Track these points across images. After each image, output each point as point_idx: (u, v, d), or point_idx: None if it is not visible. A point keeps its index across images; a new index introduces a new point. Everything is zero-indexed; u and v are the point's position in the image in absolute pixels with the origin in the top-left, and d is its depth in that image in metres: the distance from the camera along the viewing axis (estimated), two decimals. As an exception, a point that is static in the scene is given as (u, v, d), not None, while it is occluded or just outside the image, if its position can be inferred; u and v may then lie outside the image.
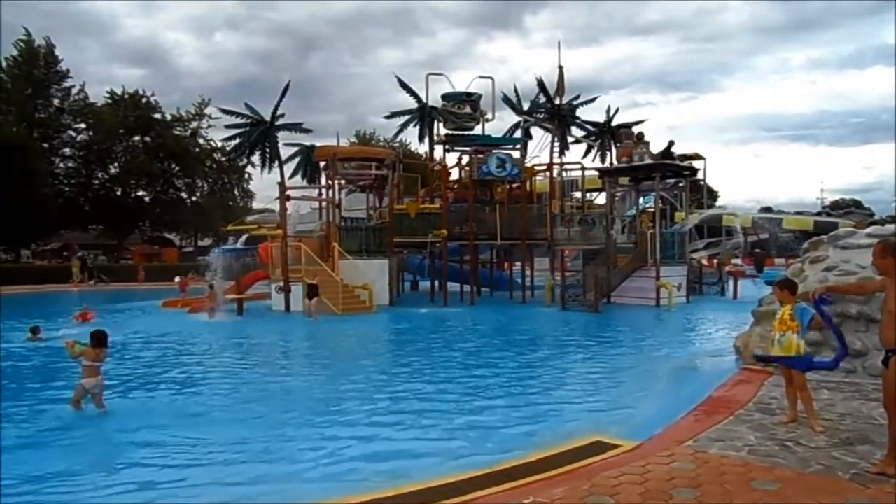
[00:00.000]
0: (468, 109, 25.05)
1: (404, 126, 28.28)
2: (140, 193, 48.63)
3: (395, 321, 18.83)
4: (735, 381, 8.26)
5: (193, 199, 50.42)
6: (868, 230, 9.35)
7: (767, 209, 53.81)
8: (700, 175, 34.07)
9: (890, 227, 9.39)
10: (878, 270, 5.16)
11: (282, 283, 21.16)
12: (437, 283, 24.94)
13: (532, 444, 6.13)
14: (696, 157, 36.31)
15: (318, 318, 18.47)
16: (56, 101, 42.89)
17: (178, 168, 48.36)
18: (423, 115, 27.22)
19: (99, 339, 7.79)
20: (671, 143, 23.84)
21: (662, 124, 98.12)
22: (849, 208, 51.95)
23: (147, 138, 46.25)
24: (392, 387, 9.63)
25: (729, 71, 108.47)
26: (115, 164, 46.41)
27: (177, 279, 26.65)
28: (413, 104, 27.66)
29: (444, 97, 25.65)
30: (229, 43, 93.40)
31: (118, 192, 46.91)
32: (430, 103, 27.01)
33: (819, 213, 48.86)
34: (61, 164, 45.10)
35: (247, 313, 20.21)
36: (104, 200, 45.53)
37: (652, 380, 9.70)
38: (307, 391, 9.40)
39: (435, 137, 27.17)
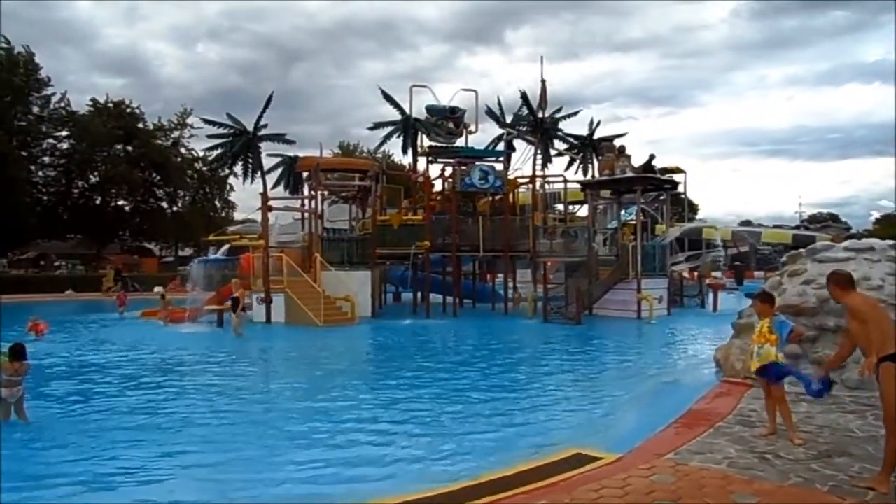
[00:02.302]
0: (451, 125, 25.27)
1: (388, 137, 28.32)
2: (120, 203, 48.06)
3: (377, 333, 18.72)
4: (715, 394, 8.30)
5: (174, 208, 49.94)
6: (845, 244, 9.48)
7: (747, 222, 54.57)
8: (681, 188, 34.38)
9: (866, 241, 9.52)
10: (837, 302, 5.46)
11: (263, 295, 20.99)
12: (419, 294, 24.87)
13: (512, 458, 6.09)
14: (677, 170, 36.65)
15: (243, 334, 17.28)
16: (36, 109, 42.36)
17: (159, 177, 47.88)
18: (407, 127, 27.28)
19: (17, 353, 7.86)
20: (652, 157, 24.05)
21: (643, 138, 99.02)
22: (826, 222, 52.84)
23: (129, 147, 45.84)
24: (371, 399, 9.55)
25: (708, 87, 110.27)
26: (96, 173, 45.89)
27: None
28: (397, 116, 27.71)
29: (429, 110, 25.74)
30: (212, 53, 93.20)
31: (97, 202, 46.34)
32: (414, 115, 27.07)
33: (797, 227, 49.64)
34: (40, 173, 44.51)
35: (227, 324, 19.97)
36: (83, 209, 44.94)
37: (633, 392, 9.70)
38: (281, 402, 9.28)
39: (418, 149, 27.22)
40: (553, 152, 28.84)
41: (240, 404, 9.09)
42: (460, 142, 25.49)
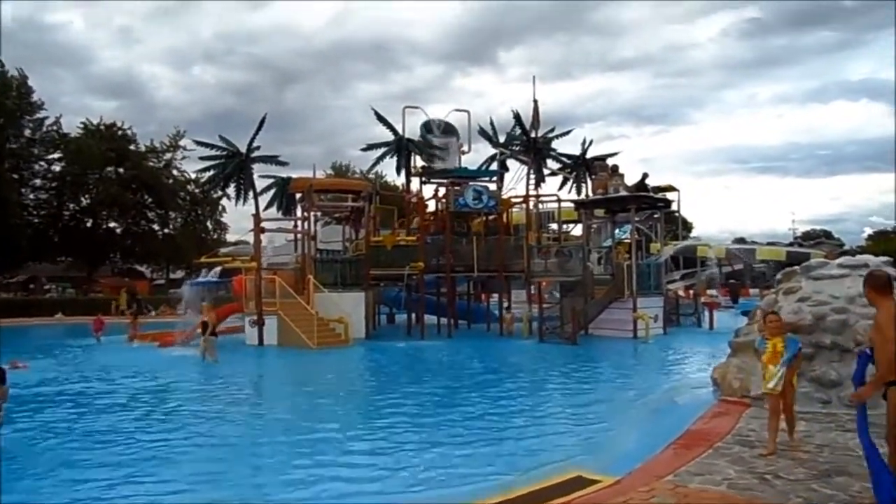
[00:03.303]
0: (452, 139, 25.47)
1: (381, 158, 28.31)
2: (111, 225, 47.94)
3: (371, 355, 18.62)
4: (713, 414, 8.27)
5: (166, 230, 49.83)
6: (839, 261, 9.50)
7: (741, 240, 54.84)
8: (674, 206, 34.48)
9: (861, 258, 9.56)
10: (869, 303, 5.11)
11: (255, 317, 20.87)
12: (414, 315, 24.82)
13: (511, 481, 6.04)
14: (670, 188, 36.93)
15: (215, 360, 16.51)
16: (28, 132, 42.37)
17: (150, 199, 47.83)
18: (400, 148, 27.32)
19: None
20: (645, 176, 24.17)
21: (636, 156, 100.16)
22: (819, 239, 53.09)
23: (121, 169, 45.82)
24: (367, 422, 9.48)
25: (699, 105, 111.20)
26: (87, 196, 45.81)
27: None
28: (390, 137, 27.77)
29: (426, 126, 26.01)
30: (207, 76, 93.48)
31: (89, 224, 46.21)
32: (407, 136, 27.17)
33: (791, 244, 49.81)
34: (31, 195, 44.40)
35: (219, 347, 19.80)
36: (74, 232, 44.78)
37: (631, 413, 9.68)
38: (275, 427, 9.14)
39: (412, 170, 27.28)
40: (546, 172, 28.89)
41: (219, 437, 8.60)
42: (454, 162, 25.60)
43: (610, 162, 26.29)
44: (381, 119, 27.76)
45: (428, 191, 27.50)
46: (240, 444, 8.21)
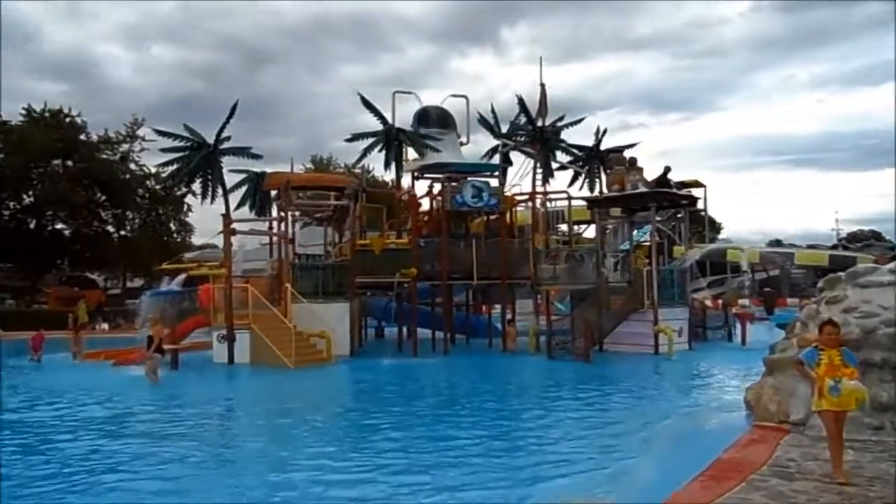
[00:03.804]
0: (449, 129, 25.52)
1: (368, 151, 28.29)
2: (59, 227, 47.78)
3: (357, 374, 18.58)
4: (746, 441, 8.25)
5: (122, 233, 49.72)
6: (891, 265, 9.49)
7: (777, 242, 54.91)
8: (700, 204, 34.52)
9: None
10: None
11: (224, 331, 20.85)
12: (405, 329, 24.75)
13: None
14: (696, 184, 37.00)
15: (160, 382, 16.62)
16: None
17: (104, 197, 47.71)
18: (390, 139, 27.33)
19: None
20: (667, 170, 24.22)
21: (656, 148, 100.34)
22: (867, 240, 52.95)
23: (69, 163, 45.66)
24: (355, 452, 9.42)
25: (728, 89, 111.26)
26: (30, 193, 45.62)
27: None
28: (378, 126, 27.78)
29: (419, 115, 26.09)
30: (168, 56, 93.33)
31: (32, 225, 46.04)
32: (398, 125, 27.19)
33: (834, 247, 49.89)
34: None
35: (183, 366, 19.80)
36: (15, 234, 44.52)
37: (653, 439, 9.67)
38: (243, 469, 8.86)
39: (403, 163, 27.29)
40: (555, 165, 28.93)
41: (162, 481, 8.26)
42: (447, 155, 25.62)
43: (627, 154, 26.31)
44: (367, 105, 27.75)
45: (421, 187, 27.51)
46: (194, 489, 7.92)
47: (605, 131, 28.98)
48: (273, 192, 26.83)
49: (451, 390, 15.68)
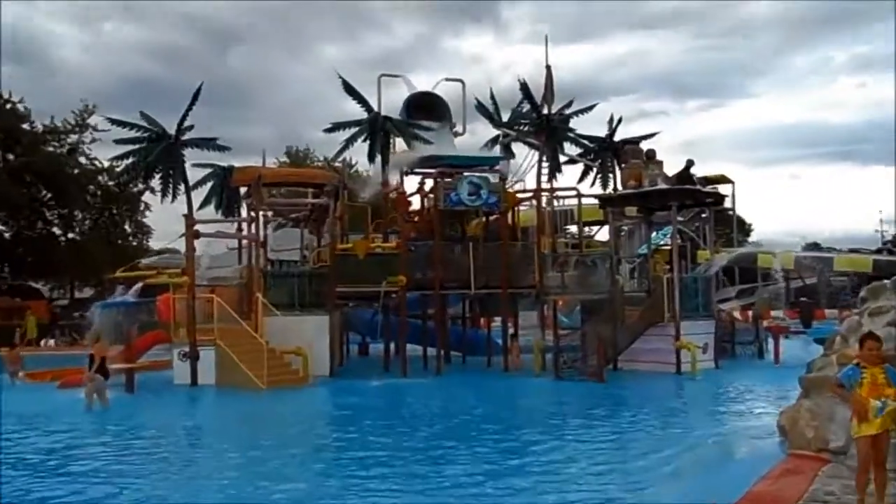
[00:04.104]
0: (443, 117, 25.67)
1: (350, 142, 28.26)
2: (-3, 229, 47.67)
3: (339, 398, 18.54)
4: (780, 472, 8.27)
5: (70, 235, 49.57)
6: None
7: (814, 245, 55.13)
8: (727, 203, 34.61)
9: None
10: None
11: (187, 348, 20.81)
12: (393, 345, 24.72)
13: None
14: (723, 180, 37.20)
15: (107, 406, 16.52)
16: None
17: (49, 195, 47.56)
18: (375, 128, 27.32)
19: None
20: (690, 164, 24.31)
21: (677, 139, 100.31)
22: (917, 243, 53.20)
23: (9, 155, 45.54)
24: (340, 493, 9.39)
25: (757, 73, 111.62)
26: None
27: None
28: (362, 114, 27.79)
29: (409, 102, 26.11)
30: (124, 35, 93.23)
31: (-35, 228, 45.93)
32: (384, 112, 27.19)
33: (879, 251, 49.98)
34: None
35: (140, 389, 19.74)
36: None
37: (676, 471, 9.68)
38: None
39: (390, 156, 27.29)
40: (563, 159, 28.96)
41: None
42: (442, 147, 25.68)
43: (644, 146, 26.42)
44: (350, 91, 27.71)
45: (411, 184, 27.48)
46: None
47: (619, 120, 29.05)
48: (242, 190, 26.81)
49: (446, 417, 15.58)
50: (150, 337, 24.08)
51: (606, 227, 28.72)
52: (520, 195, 26.85)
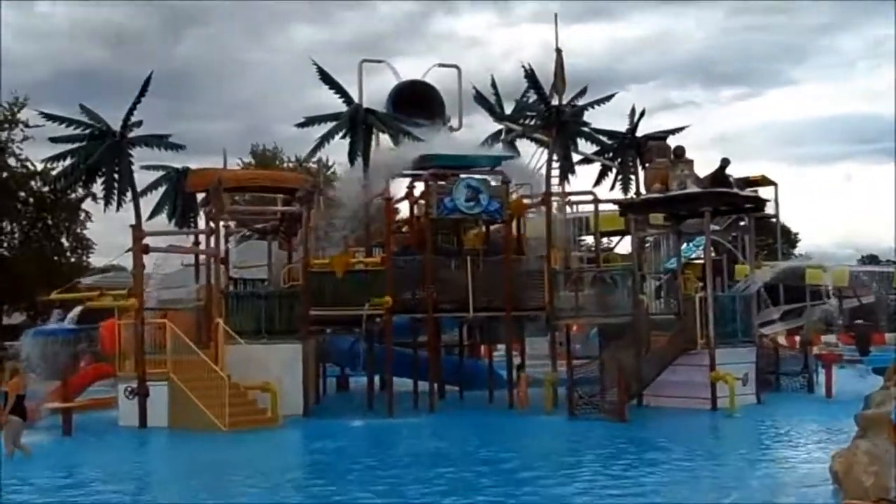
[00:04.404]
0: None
1: (326, 138, 28.23)
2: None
3: (314, 442, 18.53)
4: (834, 526, 8.29)
5: (-2, 251, 49.61)
6: None
7: (871, 258, 55.36)
8: (770, 209, 34.71)
9: None
10: None
11: (135, 384, 20.72)
12: (377, 378, 24.69)
13: None
14: (763, 181, 37.32)
15: (14, 451, 16.09)
16: None
17: (-29, 204, 47.68)
18: (356, 122, 27.33)
19: None
20: (725, 163, 24.32)
21: (709, 133, 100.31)
22: None
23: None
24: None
25: (800, 56, 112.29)
26: None
27: None
28: (341, 106, 27.81)
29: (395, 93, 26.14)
30: (60, 16, 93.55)
31: None
32: (366, 104, 27.23)
33: (948, 265, 50.15)
34: None
35: (78, 431, 19.66)
36: None
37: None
38: None
39: (372, 155, 27.29)
40: (576, 158, 29.02)
41: None
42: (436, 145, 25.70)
43: (672, 142, 26.48)
44: (325, 79, 27.74)
45: (399, 187, 27.49)
46: None
47: (642, 112, 29.11)
48: (200, 196, 26.78)
49: (442, 466, 15.46)
50: (92, 370, 24.04)
51: (628, 238, 28.76)
52: (526, 201, 26.88)
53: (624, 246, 34.54)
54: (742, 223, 27.26)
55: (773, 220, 43.12)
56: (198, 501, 13.07)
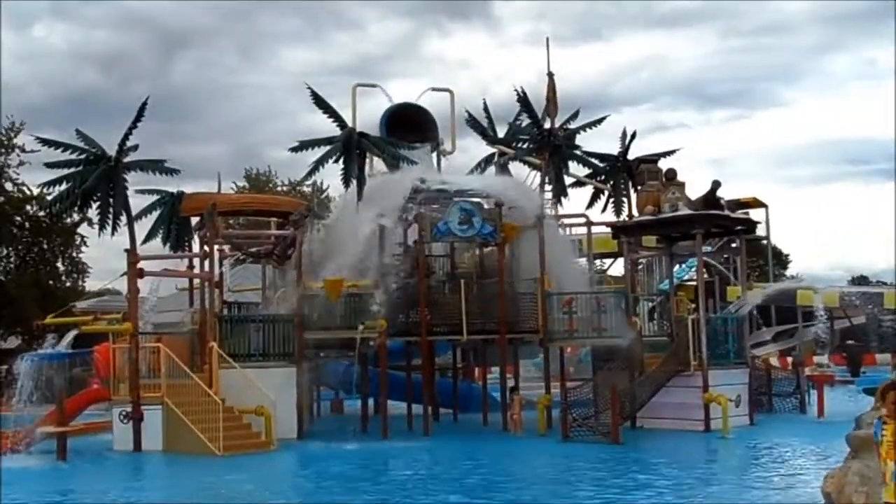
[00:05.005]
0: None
1: (320, 163, 28.31)
2: None
3: (309, 466, 18.49)
4: (826, 548, 8.27)
5: (-8, 276, 49.52)
6: None
7: (862, 280, 55.50)
8: (761, 230, 34.81)
9: None
10: None
11: (129, 408, 20.66)
12: (371, 402, 24.63)
13: None
14: (755, 203, 37.41)
15: None
16: None
17: (-33, 229, 47.66)
18: (350, 146, 27.41)
19: None
20: (716, 185, 24.45)
21: (701, 156, 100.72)
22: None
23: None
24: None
25: (793, 77, 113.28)
26: None
27: None
28: (334, 130, 27.90)
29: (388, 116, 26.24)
30: (56, 38, 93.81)
31: None
32: (360, 128, 27.32)
33: (937, 286, 50.28)
34: None
35: (72, 456, 19.57)
36: None
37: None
38: None
39: (367, 178, 27.35)
40: (569, 181, 29.13)
41: None
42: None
43: (663, 165, 26.58)
44: (319, 102, 27.86)
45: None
46: None
47: (633, 135, 29.13)
48: (194, 220, 26.80)
49: (438, 490, 15.42)
50: (86, 395, 23.94)
51: (621, 260, 28.80)
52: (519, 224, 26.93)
53: (617, 268, 34.64)
54: (734, 245, 27.46)
55: (765, 241, 43.28)
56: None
